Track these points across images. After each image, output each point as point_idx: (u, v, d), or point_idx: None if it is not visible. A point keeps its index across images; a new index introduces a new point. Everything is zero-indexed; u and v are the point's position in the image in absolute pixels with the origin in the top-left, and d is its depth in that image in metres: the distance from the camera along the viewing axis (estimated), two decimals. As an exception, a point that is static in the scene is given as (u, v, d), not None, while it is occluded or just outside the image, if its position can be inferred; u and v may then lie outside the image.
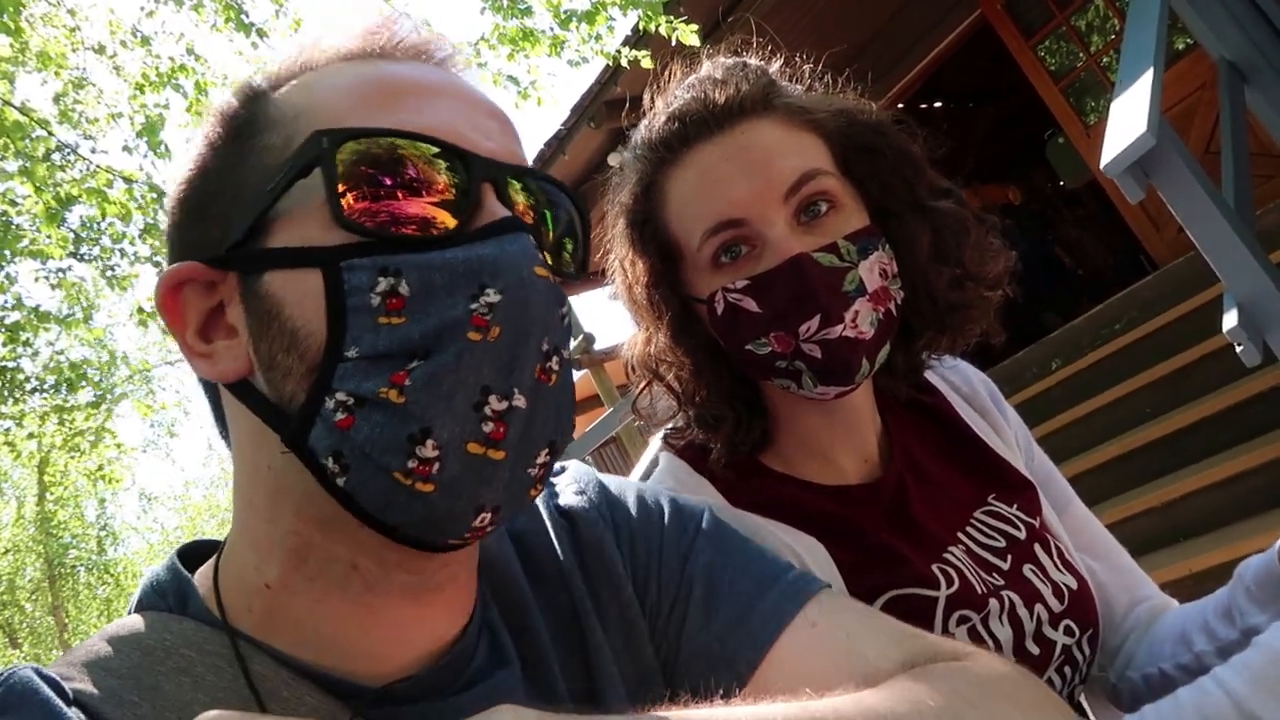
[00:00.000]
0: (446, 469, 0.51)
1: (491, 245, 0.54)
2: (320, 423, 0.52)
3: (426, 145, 0.55)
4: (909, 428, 1.09)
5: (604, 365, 9.59)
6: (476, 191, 0.56)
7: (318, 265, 0.53)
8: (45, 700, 0.49)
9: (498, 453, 0.52)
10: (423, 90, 0.59)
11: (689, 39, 4.86)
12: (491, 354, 0.52)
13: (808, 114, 0.95)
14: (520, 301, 0.53)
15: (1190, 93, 5.07)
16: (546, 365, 0.55)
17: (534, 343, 0.53)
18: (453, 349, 0.51)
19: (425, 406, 0.51)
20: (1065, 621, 0.94)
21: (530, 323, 0.53)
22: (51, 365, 7.39)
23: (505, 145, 0.60)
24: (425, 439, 0.51)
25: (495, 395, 0.52)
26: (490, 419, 0.52)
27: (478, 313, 0.51)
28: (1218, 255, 2.12)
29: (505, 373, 0.52)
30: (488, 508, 0.53)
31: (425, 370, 0.51)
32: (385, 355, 0.51)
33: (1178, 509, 3.47)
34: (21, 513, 18.08)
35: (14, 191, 6.02)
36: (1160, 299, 4.34)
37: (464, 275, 0.52)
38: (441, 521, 0.53)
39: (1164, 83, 2.34)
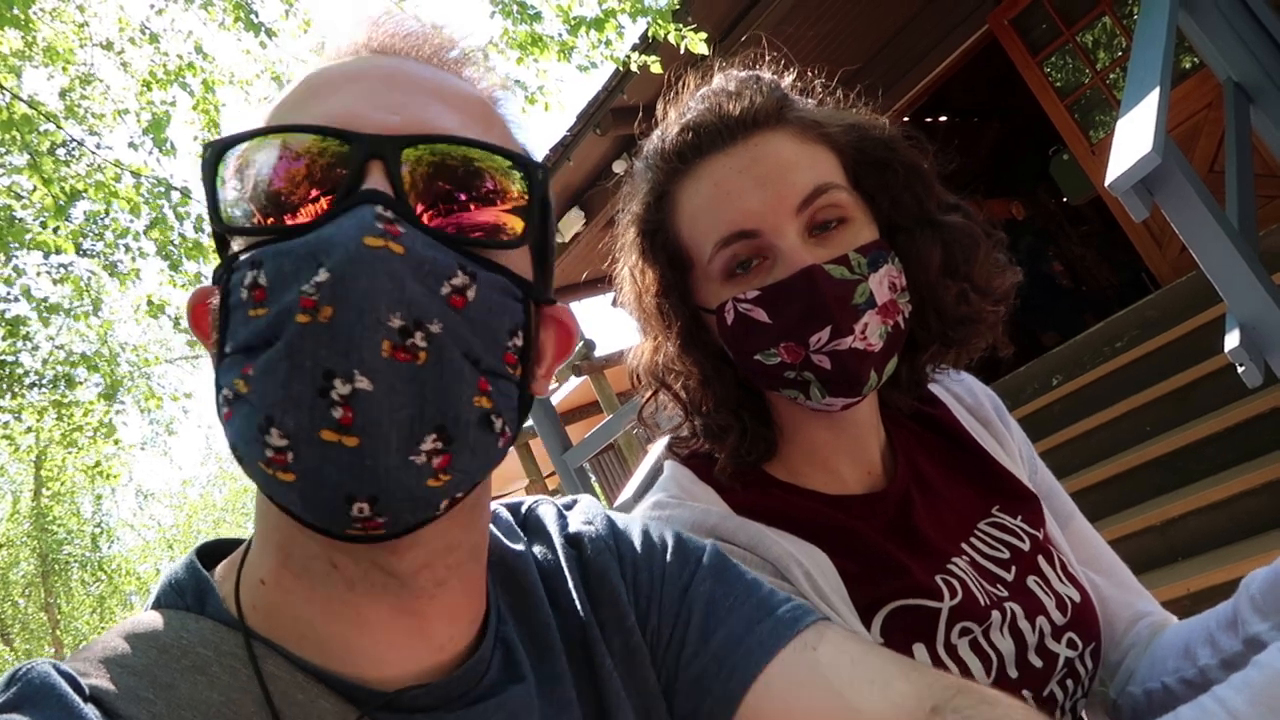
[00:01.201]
0: (302, 458, 0.49)
1: (334, 224, 0.51)
2: (220, 419, 0.54)
3: (299, 135, 0.55)
4: (913, 439, 1.09)
5: (604, 372, 9.60)
6: (360, 171, 0.54)
7: (227, 271, 0.55)
8: (62, 695, 0.49)
9: (351, 439, 0.49)
10: (339, 79, 0.59)
11: (698, 47, 4.88)
12: (325, 335, 0.49)
13: (820, 128, 0.96)
14: (348, 276, 0.49)
15: (1196, 112, 5.09)
16: (404, 343, 0.50)
17: (371, 319, 0.49)
18: (285, 334, 0.49)
19: (264, 395, 0.50)
20: (1068, 634, 0.95)
21: (362, 296, 0.49)
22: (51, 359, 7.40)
23: (424, 117, 0.58)
24: (270, 427, 0.49)
25: (339, 378, 0.48)
26: (338, 404, 0.49)
27: (305, 294, 0.49)
28: (1220, 275, 2.13)
29: (342, 352, 0.49)
30: (360, 497, 0.50)
31: (264, 359, 0.50)
32: (246, 348, 0.51)
33: (1177, 528, 3.47)
34: (16, 508, 18.06)
35: (19, 185, 6.04)
36: (1162, 318, 4.35)
37: (303, 258, 0.50)
38: (318, 511, 0.51)
39: (1170, 102, 2.35)
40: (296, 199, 0.55)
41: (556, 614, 0.70)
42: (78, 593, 19.33)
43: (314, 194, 0.54)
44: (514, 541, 0.74)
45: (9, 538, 17.86)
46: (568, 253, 7.34)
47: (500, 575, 0.70)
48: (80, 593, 19.36)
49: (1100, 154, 5.52)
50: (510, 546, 0.73)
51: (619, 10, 5.25)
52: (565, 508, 0.81)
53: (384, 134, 0.55)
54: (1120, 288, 7.63)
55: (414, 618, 0.59)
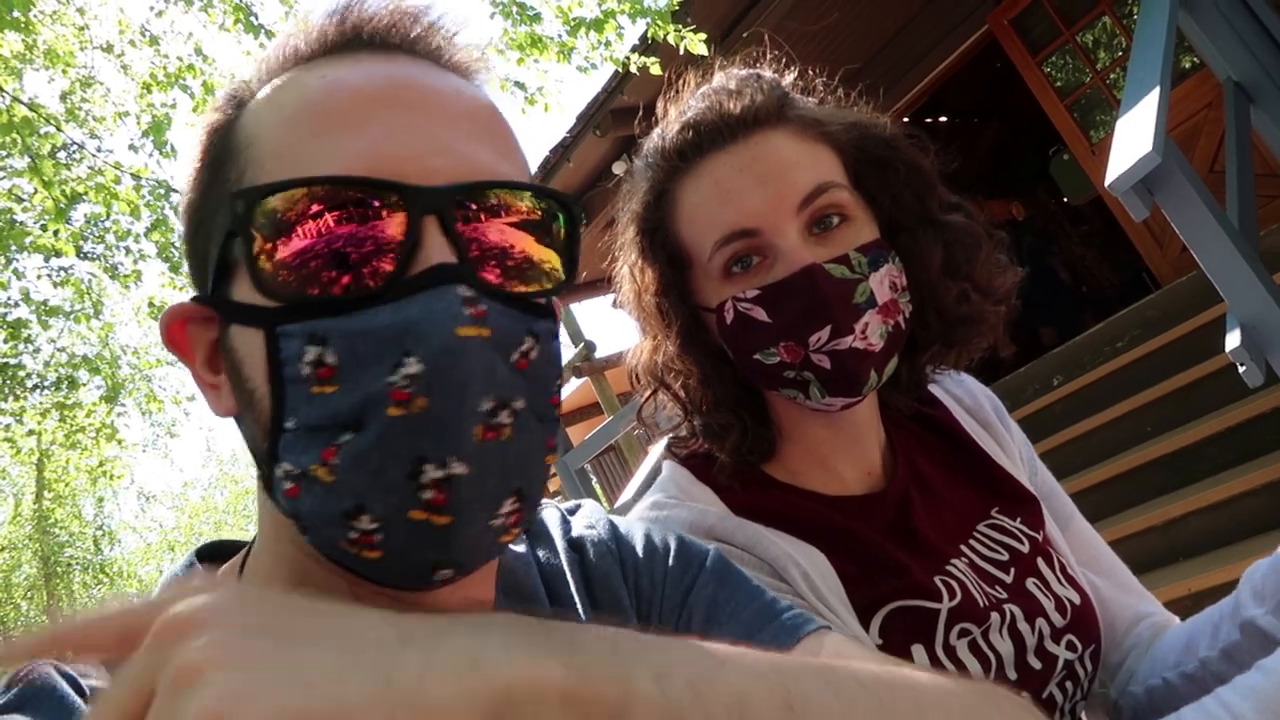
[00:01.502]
0: (391, 538, 0.50)
1: (417, 305, 0.49)
2: (276, 485, 0.53)
3: (353, 189, 0.51)
4: (913, 440, 1.09)
5: (604, 373, 9.59)
6: (417, 228, 0.51)
7: (260, 326, 0.52)
8: (63, 696, 0.50)
9: (442, 519, 0.49)
10: (365, 103, 0.54)
11: (697, 48, 4.88)
12: (420, 425, 0.48)
13: (821, 126, 0.96)
14: (445, 369, 0.48)
15: (1196, 112, 5.08)
16: (492, 422, 0.50)
17: (468, 407, 0.48)
18: (375, 424, 0.48)
19: (354, 484, 0.49)
20: (1067, 636, 0.94)
21: (460, 388, 0.48)
22: (53, 362, 7.41)
23: (467, 156, 0.55)
24: (360, 514, 0.49)
25: (431, 464, 0.48)
26: (429, 487, 0.48)
27: (396, 386, 0.48)
28: (1221, 275, 2.12)
29: (437, 441, 0.48)
30: (445, 565, 0.51)
31: (351, 448, 0.49)
32: (318, 428, 0.50)
33: (1178, 528, 3.46)
34: (19, 510, 18.06)
35: (20, 188, 6.05)
36: (1163, 318, 4.34)
37: (387, 341, 0.48)
38: (400, 579, 0.52)
39: (1170, 102, 2.34)
40: (347, 262, 0.51)
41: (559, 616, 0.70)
42: (80, 596, 19.32)
43: (366, 254, 0.51)
44: (516, 544, 0.74)
45: (11, 541, 17.86)
46: (568, 254, 7.34)
47: (504, 580, 0.70)
48: (83, 595, 19.35)
49: (1100, 154, 5.51)
50: (512, 549, 0.73)
51: (618, 11, 5.25)
52: (569, 512, 0.81)
53: (435, 184, 0.52)
54: (1121, 287, 7.63)
55: None
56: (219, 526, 23.10)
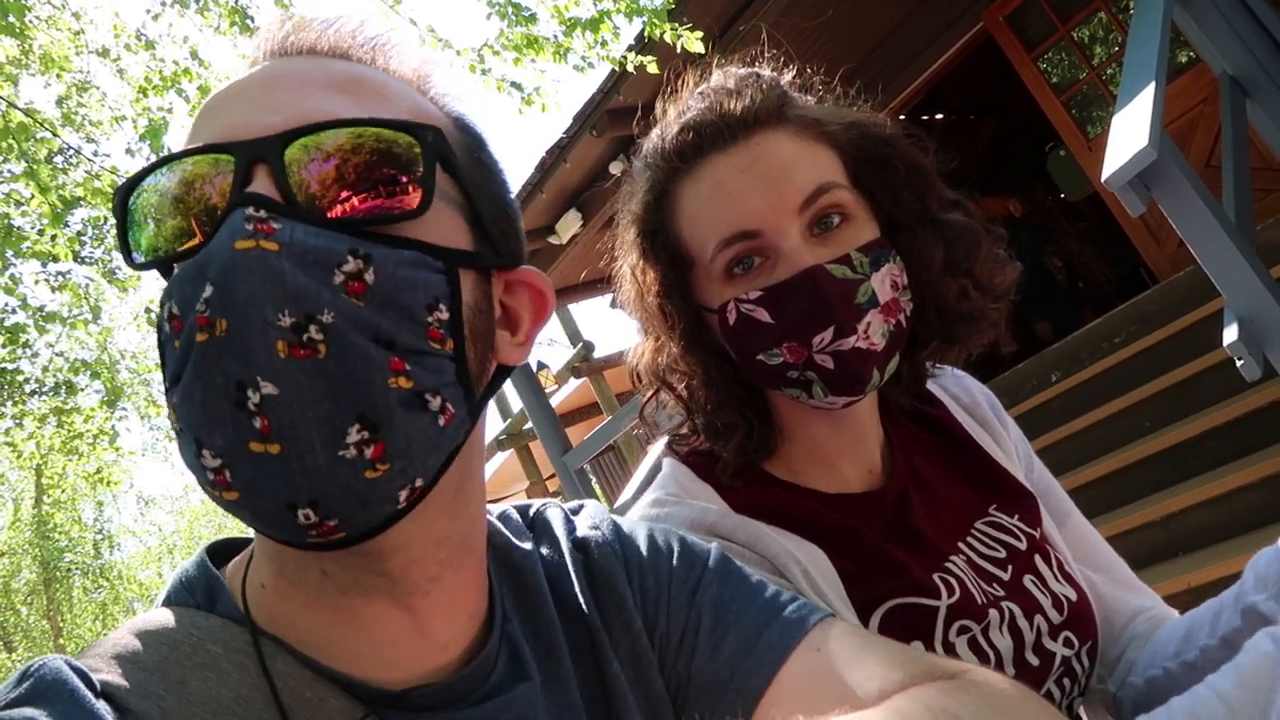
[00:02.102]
0: (239, 472, 0.49)
1: (215, 239, 0.51)
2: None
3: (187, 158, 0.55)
4: (911, 438, 1.09)
5: (603, 373, 9.60)
6: (244, 180, 0.53)
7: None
8: (74, 690, 0.50)
9: (273, 446, 0.49)
10: (226, 97, 0.59)
11: (694, 46, 4.88)
12: (225, 347, 0.48)
13: (821, 126, 0.96)
14: (226, 285, 0.49)
15: (1192, 107, 5.09)
16: (300, 339, 0.49)
17: (257, 322, 0.48)
18: (192, 355, 0.50)
19: (189, 419, 0.50)
20: (1065, 633, 0.95)
21: (243, 303, 0.48)
22: (51, 367, 7.40)
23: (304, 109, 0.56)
24: (202, 449, 0.50)
25: (249, 389, 0.48)
26: (254, 413, 0.48)
27: (199, 313, 0.49)
28: (1218, 269, 2.13)
29: (242, 363, 0.48)
30: (301, 504, 0.50)
31: (181, 385, 0.50)
32: (173, 379, 0.52)
33: (1177, 523, 3.47)
34: (18, 515, 18.05)
35: (18, 193, 6.04)
36: (1160, 313, 4.35)
37: (193, 279, 0.51)
38: (268, 524, 0.51)
39: (1166, 97, 2.35)
40: (193, 223, 0.54)
41: (562, 616, 0.70)
42: (80, 600, 19.32)
43: (206, 211, 0.54)
44: (522, 541, 0.74)
45: (11, 546, 17.85)
46: (565, 254, 7.34)
47: (508, 574, 0.70)
48: (82, 600, 19.34)
49: (1097, 150, 5.52)
50: (519, 545, 0.73)
51: (614, 11, 5.25)
52: (572, 512, 0.81)
53: (262, 136, 0.54)
54: (1118, 283, 7.63)
55: (411, 615, 0.59)
56: (219, 530, 23.08)
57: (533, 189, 6.55)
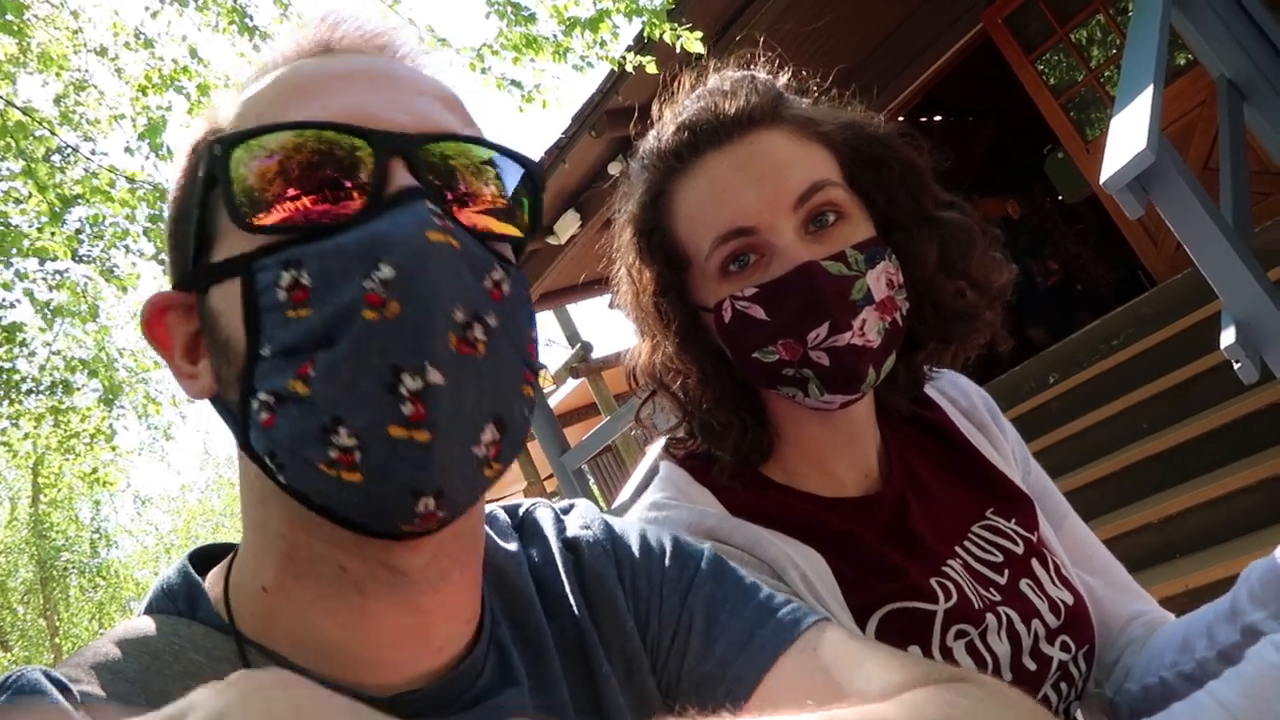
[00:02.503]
0: (371, 456, 0.50)
1: (385, 219, 0.52)
2: (252, 425, 0.53)
3: (323, 131, 0.54)
4: (908, 442, 1.09)
5: (601, 374, 9.60)
6: (383, 168, 0.54)
7: (237, 273, 0.54)
8: (54, 703, 0.49)
9: (422, 434, 0.49)
10: (335, 80, 0.58)
11: (693, 46, 4.88)
12: (394, 331, 0.49)
13: (816, 126, 0.96)
14: (416, 271, 0.50)
15: (1190, 110, 5.10)
16: (466, 335, 0.51)
17: (440, 312, 0.50)
18: (350, 332, 0.49)
19: (331, 395, 0.50)
20: (1061, 637, 0.95)
21: (432, 292, 0.50)
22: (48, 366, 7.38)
23: (430, 116, 0.59)
24: (338, 427, 0.49)
25: (408, 373, 0.49)
26: (407, 399, 0.49)
27: (371, 291, 0.49)
28: (1216, 272, 2.13)
29: (412, 348, 0.49)
30: (427, 493, 0.51)
31: (327, 358, 0.50)
32: (294, 349, 0.51)
33: (1174, 525, 3.47)
34: (15, 514, 18.02)
35: (16, 191, 6.03)
36: (1158, 315, 4.36)
37: (357, 256, 0.51)
38: (382, 510, 0.51)
39: (1164, 99, 2.35)
40: (320, 197, 0.54)
41: (551, 617, 0.70)
42: (76, 599, 19.29)
43: (338, 192, 0.54)
44: (507, 542, 0.74)
45: (7, 544, 17.83)
46: (564, 255, 7.34)
47: (493, 577, 0.70)
48: (79, 599, 19.32)
49: (1095, 152, 5.53)
50: (503, 547, 0.73)
51: (613, 10, 5.25)
52: (563, 511, 0.80)
53: (400, 131, 0.56)
54: (1116, 285, 7.64)
55: (418, 616, 0.59)
56: (216, 529, 23.07)
57: (532, 189, 6.53)
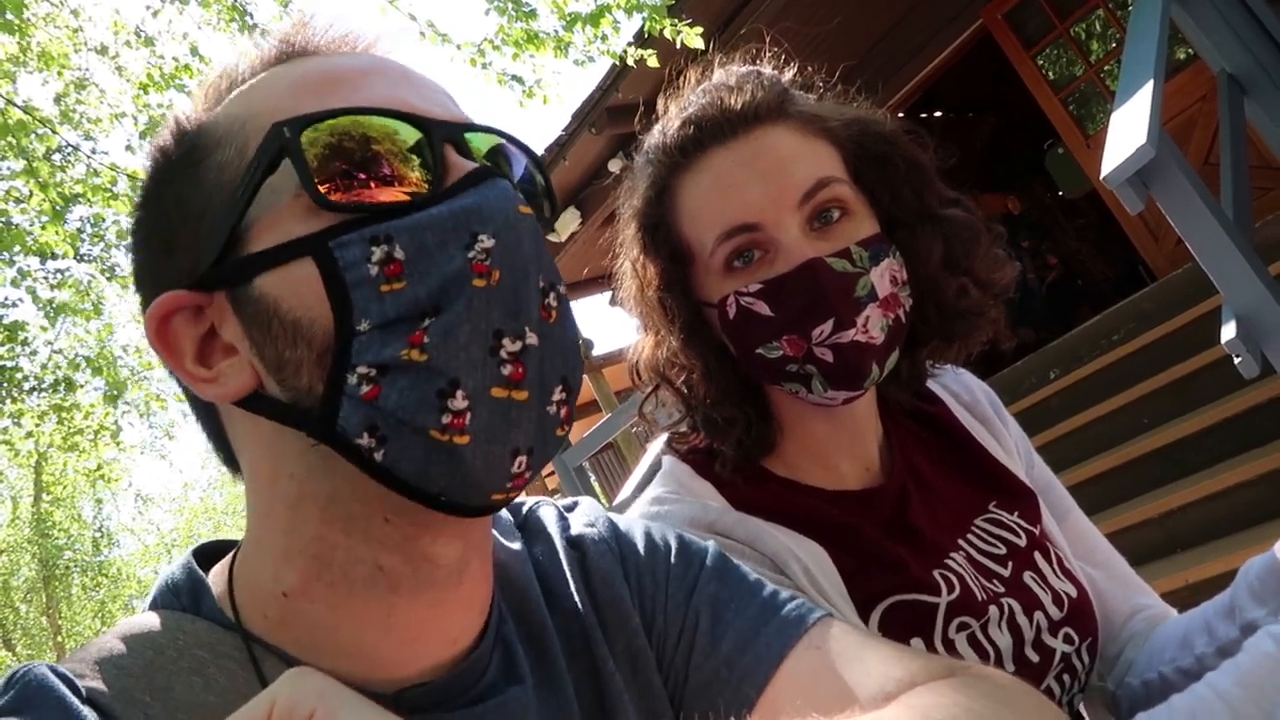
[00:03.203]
0: (477, 417, 0.52)
1: (473, 195, 0.55)
2: (347, 402, 0.52)
3: (383, 118, 0.57)
4: (911, 436, 1.09)
5: (602, 371, 9.59)
6: (440, 153, 0.57)
7: (307, 253, 0.54)
8: (60, 698, 0.49)
9: (521, 393, 0.54)
10: (357, 74, 0.60)
11: (694, 42, 4.87)
12: (497, 297, 0.53)
13: (821, 122, 0.96)
14: (513, 242, 0.54)
15: (1190, 104, 5.09)
16: (546, 302, 0.56)
17: (533, 280, 0.55)
18: (461, 299, 0.52)
19: (448, 359, 0.52)
20: (1064, 629, 0.95)
21: (526, 260, 0.55)
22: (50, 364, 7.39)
23: (449, 108, 0.62)
24: (454, 390, 0.51)
25: (508, 337, 0.53)
26: (507, 361, 0.53)
27: (476, 260, 0.53)
28: (1216, 267, 2.13)
29: (513, 313, 0.54)
30: (523, 450, 0.55)
31: (440, 324, 0.52)
32: (397, 320, 0.52)
33: (1175, 520, 3.48)
34: (17, 513, 18.04)
35: (17, 190, 6.03)
36: (1159, 310, 4.36)
37: (453, 228, 0.54)
38: (482, 473, 0.53)
39: (1164, 94, 2.35)
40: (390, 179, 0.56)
41: (556, 615, 0.70)
42: (79, 598, 19.31)
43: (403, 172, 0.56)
44: (511, 541, 0.74)
45: (10, 543, 17.85)
46: (564, 252, 7.34)
47: (499, 575, 0.70)
48: (81, 598, 19.34)
49: (1095, 147, 5.52)
50: (507, 545, 0.73)
51: (614, 6, 5.24)
52: (566, 509, 0.81)
53: (446, 120, 0.59)
54: (1116, 280, 7.64)
55: (440, 609, 0.59)
56: (218, 528, 23.07)
57: (531, 186, 6.54)
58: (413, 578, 0.57)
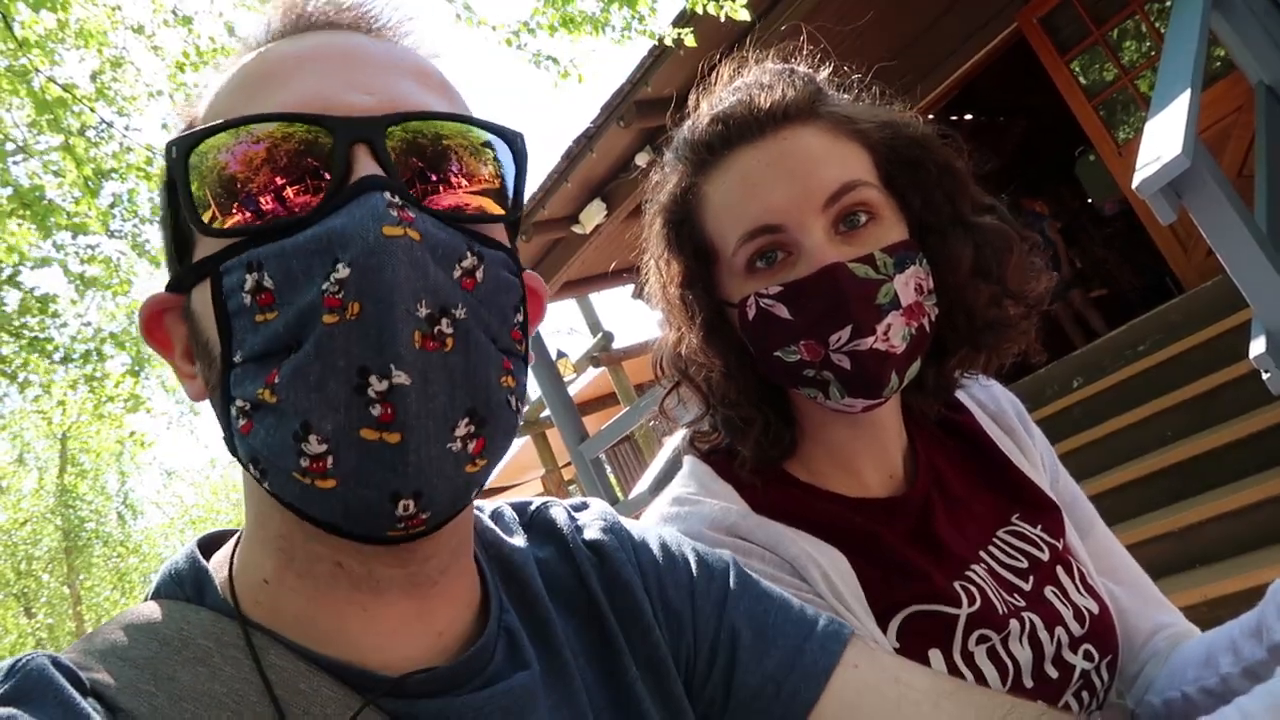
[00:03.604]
0: (343, 461, 0.49)
1: (341, 215, 0.50)
2: (233, 432, 0.52)
3: (275, 124, 0.52)
4: (936, 445, 1.08)
5: (621, 364, 9.61)
6: (345, 156, 0.52)
7: (208, 274, 0.53)
8: (60, 689, 0.48)
9: (392, 435, 0.48)
10: (294, 63, 0.56)
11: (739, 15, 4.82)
12: (356, 332, 0.48)
13: (852, 124, 0.95)
14: (372, 269, 0.48)
15: (1226, 115, 5.02)
16: (433, 331, 0.50)
17: (401, 310, 0.48)
18: (311, 337, 0.48)
19: (297, 401, 0.49)
20: (1085, 646, 0.94)
21: (390, 290, 0.48)
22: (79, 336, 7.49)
23: (396, 94, 0.56)
24: (308, 435, 0.48)
25: (375, 375, 0.48)
26: (376, 400, 0.48)
27: (329, 293, 0.48)
28: (1248, 280, 2.11)
29: (376, 348, 0.48)
30: (405, 494, 0.50)
31: (290, 364, 0.49)
32: (263, 355, 0.50)
33: (1195, 535, 3.44)
34: (42, 483, 18.32)
35: (52, 163, 6.11)
36: (1186, 322, 4.31)
37: (316, 254, 0.49)
38: (362, 515, 0.50)
39: (1200, 104, 2.32)
40: (280, 193, 0.52)
41: (571, 615, 0.70)
42: (100, 569, 19.60)
43: (298, 186, 0.52)
44: (514, 537, 0.73)
45: (34, 513, 18.13)
46: (589, 243, 7.35)
47: (501, 570, 0.70)
48: (102, 568, 19.63)
49: (1127, 156, 5.46)
50: (509, 541, 0.72)
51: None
52: (575, 509, 0.80)
53: (363, 115, 0.54)
54: (1143, 291, 7.55)
55: (419, 603, 0.59)
56: (237, 506, 23.30)
57: (558, 178, 6.56)
58: (373, 577, 0.57)
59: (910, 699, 0.65)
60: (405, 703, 0.56)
